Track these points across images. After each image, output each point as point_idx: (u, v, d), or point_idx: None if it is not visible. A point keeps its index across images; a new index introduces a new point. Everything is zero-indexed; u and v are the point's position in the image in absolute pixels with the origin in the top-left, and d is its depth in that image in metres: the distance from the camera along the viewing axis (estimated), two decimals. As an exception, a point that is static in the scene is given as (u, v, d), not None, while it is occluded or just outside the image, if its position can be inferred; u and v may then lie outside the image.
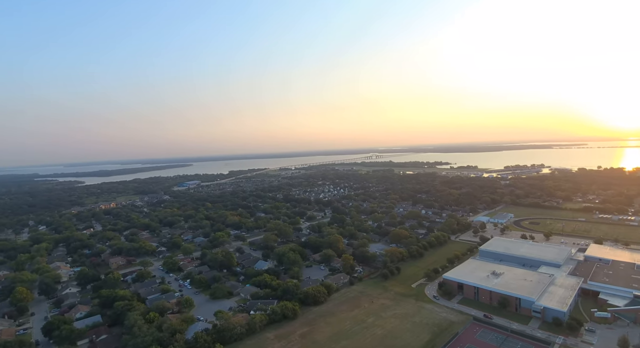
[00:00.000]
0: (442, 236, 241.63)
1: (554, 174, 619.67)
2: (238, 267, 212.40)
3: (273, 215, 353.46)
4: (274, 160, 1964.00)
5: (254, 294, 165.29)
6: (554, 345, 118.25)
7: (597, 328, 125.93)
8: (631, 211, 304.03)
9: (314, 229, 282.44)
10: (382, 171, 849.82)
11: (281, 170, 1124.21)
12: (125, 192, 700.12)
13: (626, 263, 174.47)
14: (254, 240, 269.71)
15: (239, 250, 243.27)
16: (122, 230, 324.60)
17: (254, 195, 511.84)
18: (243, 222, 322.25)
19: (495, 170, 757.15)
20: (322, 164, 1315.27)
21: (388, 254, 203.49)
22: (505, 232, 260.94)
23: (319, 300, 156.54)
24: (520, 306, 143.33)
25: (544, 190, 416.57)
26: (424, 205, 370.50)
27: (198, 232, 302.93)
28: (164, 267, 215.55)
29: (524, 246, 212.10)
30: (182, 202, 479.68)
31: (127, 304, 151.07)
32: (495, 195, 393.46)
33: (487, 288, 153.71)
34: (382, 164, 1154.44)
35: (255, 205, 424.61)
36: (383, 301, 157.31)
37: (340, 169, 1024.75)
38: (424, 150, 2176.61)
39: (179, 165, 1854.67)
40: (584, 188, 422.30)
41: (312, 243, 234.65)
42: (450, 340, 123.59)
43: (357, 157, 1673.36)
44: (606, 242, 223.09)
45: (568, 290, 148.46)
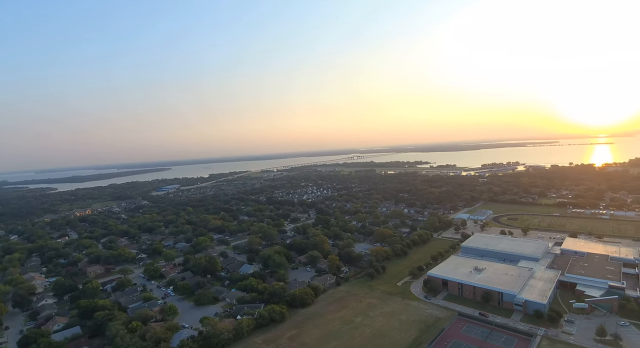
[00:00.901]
0: (425, 234, 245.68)
1: (528, 171, 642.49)
2: (222, 272, 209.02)
3: (256, 218, 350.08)
4: (255, 162, 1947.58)
5: (240, 299, 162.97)
6: (536, 336, 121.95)
7: (575, 319, 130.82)
8: (602, 205, 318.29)
9: (299, 231, 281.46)
10: (364, 171, 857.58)
11: (263, 172, 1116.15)
12: (101, 198, 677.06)
13: (600, 256, 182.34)
14: (238, 244, 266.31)
15: (223, 255, 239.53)
16: (99, 238, 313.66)
17: (236, 198, 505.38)
18: (226, 225, 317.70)
19: (473, 168, 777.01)
20: (305, 165, 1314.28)
21: (373, 253, 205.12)
22: (485, 229, 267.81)
23: (307, 302, 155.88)
24: (502, 300, 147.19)
25: (520, 187, 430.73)
26: (407, 204, 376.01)
27: (179, 237, 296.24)
28: (145, 274, 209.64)
29: (503, 241, 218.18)
30: (161, 207, 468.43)
31: (107, 314, 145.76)
32: (474, 193, 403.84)
33: (471, 284, 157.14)
34: (363, 164, 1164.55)
35: (238, 208, 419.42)
36: (370, 300, 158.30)
37: (322, 170, 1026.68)
38: (404, 150, 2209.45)
39: (156, 170, 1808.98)
40: (558, 184, 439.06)
41: (297, 245, 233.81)
42: (437, 336, 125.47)
43: (339, 158, 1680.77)
44: (580, 235, 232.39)
45: (547, 283, 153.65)
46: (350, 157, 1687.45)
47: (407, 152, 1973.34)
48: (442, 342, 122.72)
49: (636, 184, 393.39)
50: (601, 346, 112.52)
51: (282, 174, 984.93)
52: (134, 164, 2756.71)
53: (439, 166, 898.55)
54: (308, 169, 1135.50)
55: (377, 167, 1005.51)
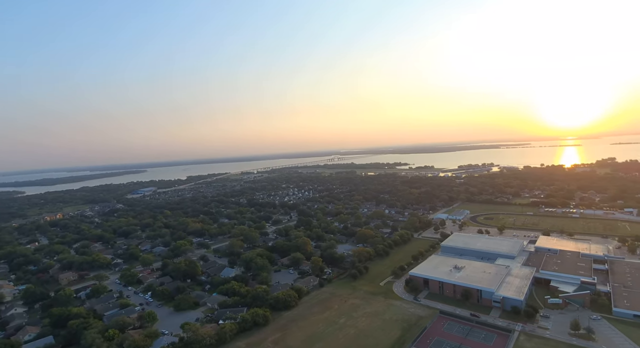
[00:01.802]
0: (406, 234, 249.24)
1: (502, 172, 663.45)
2: (203, 276, 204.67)
3: (237, 221, 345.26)
4: (234, 164, 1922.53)
5: (221, 303, 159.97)
6: (514, 332, 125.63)
7: (551, 314, 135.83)
8: (572, 204, 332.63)
9: (281, 233, 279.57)
10: (344, 173, 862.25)
11: (243, 174, 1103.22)
12: (73, 201, 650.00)
13: (572, 253, 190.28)
14: (219, 247, 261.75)
15: (203, 258, 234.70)
16: (71, 243, 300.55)
17: (216, 200, 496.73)
18: (206, 228, 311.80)
19: (450, 169, 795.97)
20: (286, 167, 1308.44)
21: (356, 254, 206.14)
22: (463, 228, 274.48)
23: (290, 304, 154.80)
24: (481, 297, 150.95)
25: (495, 187, 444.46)
26: (387, 205, 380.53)
27: (157, 241, 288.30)
28: (122, 280, 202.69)
29: (481, 240, 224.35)
30: (137, 210, 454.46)
31: (82, 322, 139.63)
32: (452, 193, 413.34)
33: (451, 282, 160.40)
34: (344, 165, 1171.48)
35: (218, 211, 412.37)
36: (353, 301, 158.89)
37: (303, 171, 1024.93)
38: (383, 152, 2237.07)
39: (131, 172, 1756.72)
40: (530, 185, 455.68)
41: (279, 248, 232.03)
42: (420, 335, 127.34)
43: (320, 160, 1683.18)
44: (553, 233, 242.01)
45: (523, 279, 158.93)
46: (330, 159, 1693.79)
47: (386, 153, 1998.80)
48: (425, 340, 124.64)
49: (603, 184, 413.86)
50: (575, 340, 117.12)
51: (263, 175, 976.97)
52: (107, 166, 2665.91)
53: (417, 167, 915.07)
54: (289, 170, 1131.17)
55: (358, 168, 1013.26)
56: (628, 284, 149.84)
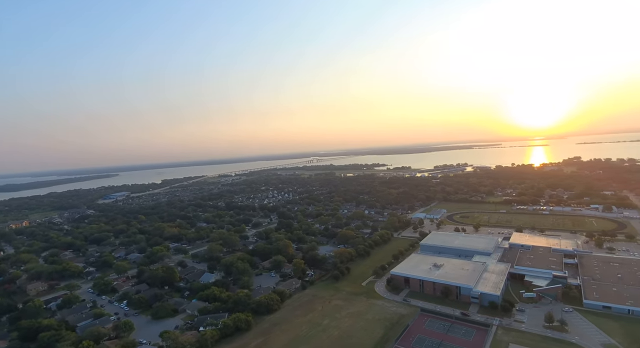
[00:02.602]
0: (386, 234, 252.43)
1: (476, 171, 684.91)
2: (182, 282, 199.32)
3: (216, 225, 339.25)
4: (212, 167, 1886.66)
5: (202, 309, 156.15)
6: (492, 326, 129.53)
7: (526, 308, 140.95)
8: (542, 202, 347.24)
9: (262, 236, 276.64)
10: (324, 174, 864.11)
11: (221, 177, 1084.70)
12: (40, 208, 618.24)
13: (544, 248, 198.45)
14: (197, 252, 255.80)
15: (181, 264, 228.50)
16: (39, 251, 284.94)
17: (193, 204, 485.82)
18: (183, 233, 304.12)
19: (426, 169, 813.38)
20: (264, 169, 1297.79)
21: (337, 255, 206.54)
22: (441, 227, 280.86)
23: (273, 308, 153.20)
24: (460, 294, 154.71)
25: (470, 187, 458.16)
26: (367, 206, 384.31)
27: (132, 247, 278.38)
28: (95, 289, 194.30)
29: (458, 238, 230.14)
30: (110, 216, 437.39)
31: (54, 335, 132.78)
32: (429, 193, 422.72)
33: (431, 280, 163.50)
34: (323, 167, 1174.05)
35: (196, 215, 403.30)
36: (336, 302, 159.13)
37: (283, 173, 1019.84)
38: (361, 153, 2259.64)
39: (101, 176, 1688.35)
40: (503, 183, 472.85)
41: (260, 251, 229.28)
42: (402, 333, 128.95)
43: (298, 161, 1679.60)
44: (525, 230, 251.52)
45: (499, 275, 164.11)
46: (309, 161, 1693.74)
47: (364, 154, 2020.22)
48: (407, 338, 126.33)
49: (570, 182, 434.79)
50: (550, 332, 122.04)
51: (241, 178, 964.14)
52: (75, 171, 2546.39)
53: (395, 168, 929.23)
54: (268, 172, 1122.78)
55: (337, 169, 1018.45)
56: (596, 277, 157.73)
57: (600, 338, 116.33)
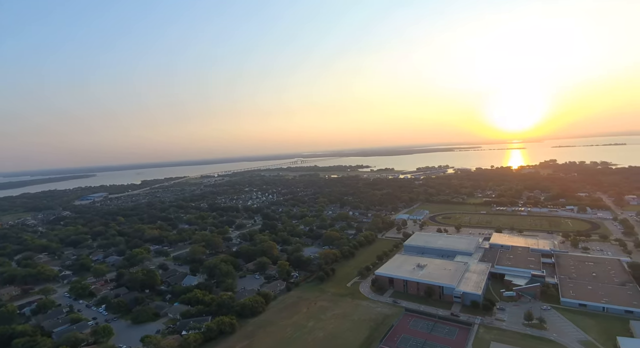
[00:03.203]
0: (370, 235, 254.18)
1: (457, 173, 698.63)
2: (163, 285, 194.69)
3: (198, 226, 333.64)
4: (193, 167, 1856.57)
5: (184, 313, 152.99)
6: (474, 325, 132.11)
7: (506, 306, 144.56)
8: (520, 203, 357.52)
9: (245, 238, 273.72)
10: (308, 176, 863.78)
11: (203, 177, 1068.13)
12: (12, 209, 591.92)
13: (523, 248, 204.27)
14: (179, 255, 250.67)
15: (163, 267, 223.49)
16: (12, 255, 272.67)
17: (174, 205, 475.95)
18: (164, 235, 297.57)
19: (409, 171, 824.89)
20: (248, 170, 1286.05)
21: (322, 257, 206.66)
22: (424, 228, 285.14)
23: (257, 310, 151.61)
24: (443, 293, 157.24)
25: (451, 188, 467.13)
26: (351, 207, 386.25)
27: (110, 250, 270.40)
28: (71, 293, 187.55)
29: (441, 239, 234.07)
30: (87, 217, 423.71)
31: (29, 341, 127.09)
32: (412, 194, 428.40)
33: (415, 280, 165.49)
34: (307, 168, 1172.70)
35: (177, 217, 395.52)
36: (321, 303, 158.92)
37: (266, 174, 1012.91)
38: (345, 154, 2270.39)
39: (77, 176, 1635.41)
40: (483, 185, 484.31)
41: (244, 253, 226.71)
42: (387, 333, 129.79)
43: (282, 162, 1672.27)
44: (505, 230, 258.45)
45: (480, 275, 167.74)
46: (294, 162, 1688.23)
47: (348, 156, 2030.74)
48: (392, 338, 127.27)
49: (547, 184, 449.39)
50: (529, 330, 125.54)
51: (224, 179, 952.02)
52: (50, 171, 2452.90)
53: (379, 170, 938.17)
54: (251, 173, 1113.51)
55: (321, 171, 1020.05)
56: (573, 276, 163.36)
57: (577, 335, 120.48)
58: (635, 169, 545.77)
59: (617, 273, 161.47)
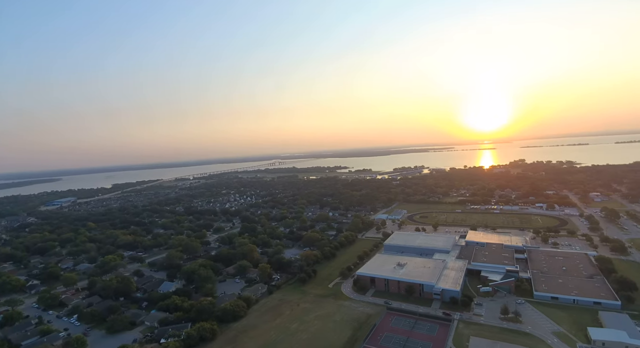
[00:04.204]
0: (351, 235, 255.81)
1: (432, 173, 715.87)
2: (139, 293, 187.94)
3: (174, 231, 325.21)
4: (166, 170, 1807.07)
5: (162, 320, 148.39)
6: (454, 321, 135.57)
7: (483, 302, 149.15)
8: (493, 201, 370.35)
9: (224, 241, 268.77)
10: (287, 177, 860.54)
11: (177, 180, 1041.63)
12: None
13: (497, 245, 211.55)
14: (155, 260, 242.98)
15: (138, 273, 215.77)
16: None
17: (148, 209, 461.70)
18: (138, 240, 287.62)
19: (386, 172, 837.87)
20: (224, 172, 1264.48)
21: (303, 258, 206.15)
22: (402, 227, 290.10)
23: (239, 314, 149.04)
24: (423, 291, 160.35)
25: (427, 188, 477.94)
26: (331, 208, 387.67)
27: (81, 257, 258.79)
28: (40, 303, 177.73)
29: (419, 238, 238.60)
30: (54, 224, 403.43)
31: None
32: (390, 195, 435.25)
33: (395, 279, 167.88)
34: (286, 170, 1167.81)
35: (152, 221, 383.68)
36: (304, 305, 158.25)
37: (244, 176, 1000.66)
38: (323, 156, 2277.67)
39: (43, 181, 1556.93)
40: (457, 185, 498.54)
41: (224, 256, 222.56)
42: (370, 332, 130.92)
43: (260, 164, 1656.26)
44: (479, 228, 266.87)
45: (458, 271, 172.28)
46: (271, 163, 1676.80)
47: (326, 157, 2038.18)
48: (375, 337, 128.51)
49: (517, 183, 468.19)
50: (506, 323, 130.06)
51: (200, 181, 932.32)
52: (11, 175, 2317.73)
53: (356, 170, 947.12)
54: (228, 175, 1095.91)
55: (300, 172, 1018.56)
56: (544, 270, 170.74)
57: (550, 326, 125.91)
58: (598, 168, 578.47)
59: (585, 267, 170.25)
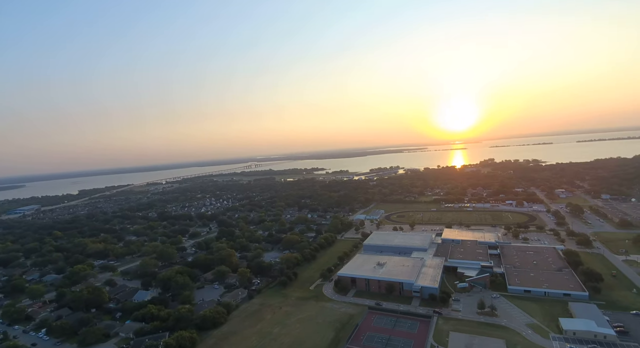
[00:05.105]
0: (330, 237, 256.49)
1: (407, 173, 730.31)
2: (111, 303, 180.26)
3: (148, 237, 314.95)
4: (136, 174, 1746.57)
5: (138, 330, 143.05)
6: (433, 317, 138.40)
7: (460, 297, 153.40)
8: (466, 200, 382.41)
9: (201, 246, 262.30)
10: (264, 180, 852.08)
11: (149, 185, 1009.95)
12: None
13: (471, 241, 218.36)
14: (128, 269, 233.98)
15: (110, 283, 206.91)
16: None
17: (118, 216, 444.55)
18: (110, 248, 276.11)
19: (363, 173, 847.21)
20: (199, 175, 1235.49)
21: (284, 261, 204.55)
22: (381, 227, 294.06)
23: (219, 321, 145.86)
24: (403, 289, 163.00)
25: (403, 188, 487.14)
26: (309, 210, 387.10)
27: (48, 268, 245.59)
28: (4, 318, 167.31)
29: (397, 237, 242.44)
30: (17, 233, 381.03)
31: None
32: (368, 195, 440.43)
33: (376, 278, 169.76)
34: (262, 172, 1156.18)
35: (123, 228, 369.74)
36: (286, 308, 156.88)
37: (219, 180, 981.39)
38: (300, 158, 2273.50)
39: (4, 188, 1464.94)
40: (431, 184, 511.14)
41: (201, 262, 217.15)
42: (353, 332, 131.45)
43: (236, 167, 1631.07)
44: (454, 226, 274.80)
45: (436, 269, 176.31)
46: (247, 166, 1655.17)
47: (302, 159, 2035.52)
48: (358, 336, 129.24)
49: (488, 181, 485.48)
50: (483, 318, 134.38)
51: (173, 186, 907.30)
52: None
53: (334, 172, 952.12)
54: (203, 179, 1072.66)
55: (276, 174, 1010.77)
56: (516, 265, 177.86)
57: (524, 319, 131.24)
58: (562, 166, 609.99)
59: (554, 261, 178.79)
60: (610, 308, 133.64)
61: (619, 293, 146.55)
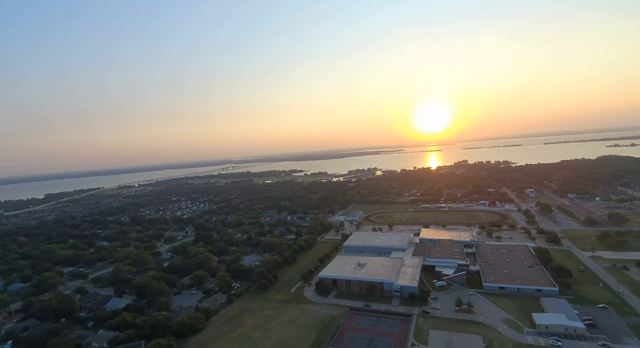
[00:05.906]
0: (310, 238, 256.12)
1: (385, 175, 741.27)
2: (83, 312, 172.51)
3: (120, 242, 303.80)
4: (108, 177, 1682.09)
5: (112, 340, 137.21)
6: (413, 316, 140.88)
7: (439, 295, 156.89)
8: (442, 200, 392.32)
9: (177, 251, 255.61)
10: (241, 182, 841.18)
11: (121, 188, 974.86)
12: None
13: (448, 241, 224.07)
14: (100, 276, 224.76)
15: (80, 291, 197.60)
16: None
17: (88, 220, 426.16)
18: (80, 255, 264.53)
19: (341, 174, 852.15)
20: (174, 178, 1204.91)
21: (263, 264, 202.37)
22: (360, 228, 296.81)
23: (198, 327, 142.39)
24: (383, 289, 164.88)
25: (381, 189, 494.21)
26: (289, 212, 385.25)
27: (13, 276, 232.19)
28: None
29: (377, 237, 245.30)
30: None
31: None
32: (347, 196, 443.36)
33: (356, 279, 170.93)
34: (240, 174, 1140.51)
35: (94, 233, 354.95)
36: (267, 312, 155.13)
37: (195, 182, 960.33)
38: (278, 159, 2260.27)
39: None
40: (408, 185, 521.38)
41: (178, 267, 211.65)
42: (335, 334, 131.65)
43: (212, 169, 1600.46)
44: (431, 225, 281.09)
45: (415, 268, 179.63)
46: (224, 168, 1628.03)
47: (281, 161, 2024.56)
48: (340, 338, 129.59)
49: (462, 182, 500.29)
50: (460, 315, 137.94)
51: (146, 189, 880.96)
52: None
53: (312, 174, 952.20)
54: (178, 181, 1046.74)
55: (254, 176, 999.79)
56: (491, 262, 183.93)
57: (500, 315, 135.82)
58: (531, 166, 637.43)
59: (526, 258, 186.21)
60: (579, 303, 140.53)
61: (587, 287, 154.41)
